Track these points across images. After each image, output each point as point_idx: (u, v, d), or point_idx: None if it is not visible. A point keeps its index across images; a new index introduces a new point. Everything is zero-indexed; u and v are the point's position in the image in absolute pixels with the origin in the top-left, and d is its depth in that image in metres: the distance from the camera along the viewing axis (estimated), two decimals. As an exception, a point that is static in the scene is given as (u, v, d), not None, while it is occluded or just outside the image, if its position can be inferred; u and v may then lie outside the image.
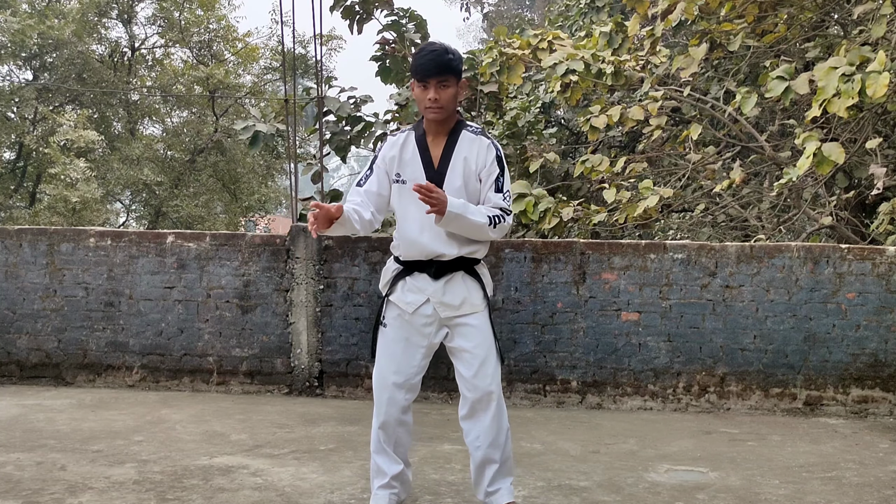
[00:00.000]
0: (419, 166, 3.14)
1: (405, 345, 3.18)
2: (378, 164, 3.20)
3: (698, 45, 7.20)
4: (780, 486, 3.92)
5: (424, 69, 3.06)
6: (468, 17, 44.39)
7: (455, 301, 3.16)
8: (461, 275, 3.18)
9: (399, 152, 3.17)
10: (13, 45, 21.62)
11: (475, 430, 3.19)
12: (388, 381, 3.18)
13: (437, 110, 3.08)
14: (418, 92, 3.11)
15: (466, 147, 3.15)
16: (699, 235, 8.49)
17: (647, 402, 5.77)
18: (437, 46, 3.14)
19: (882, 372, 5.63)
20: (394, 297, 3.19)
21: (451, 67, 3.08)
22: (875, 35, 6.10)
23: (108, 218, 23.91)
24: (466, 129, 3.19)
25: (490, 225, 3.06)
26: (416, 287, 3.15)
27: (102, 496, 3.53)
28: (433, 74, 3.05)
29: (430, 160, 3.14)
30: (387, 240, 6.07)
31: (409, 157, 3.16)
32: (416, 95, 3.13)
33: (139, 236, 6.20)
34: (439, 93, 3.06)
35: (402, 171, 3.16)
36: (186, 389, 6.04)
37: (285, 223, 26.20)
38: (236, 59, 25.98)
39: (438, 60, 3.06)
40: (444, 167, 3.13)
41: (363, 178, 3.22)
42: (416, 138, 3.18)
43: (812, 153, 5.58)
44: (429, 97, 3.06)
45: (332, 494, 3.64)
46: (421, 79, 3.08)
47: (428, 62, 3.06)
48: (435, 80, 3.05)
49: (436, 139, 3.16)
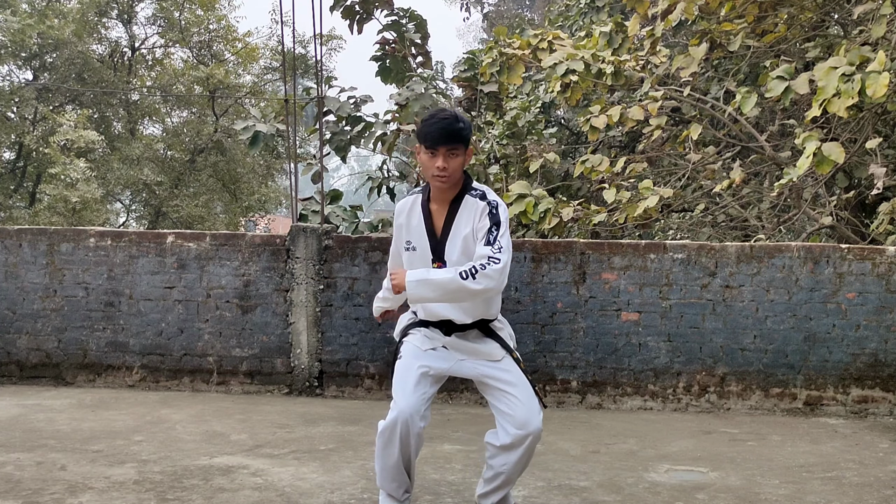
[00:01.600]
0: (423, 234, 3.15)
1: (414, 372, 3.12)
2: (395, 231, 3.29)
3: (698, 45, 7.20)
4: (780, 486, 3.92)
5: (434, 137, 3.02)
6: (468, 17, 44.38)
7: (468, 350, 3.19)
8: (475, 333, 3.19)
9: (406, 220, 3.19)
10: (13, 45, 21.61)
11: (505, 458, 3.14)
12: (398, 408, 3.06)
13: (445, 179, 3.05)
14: (426, 158, 3.05)
15: (466, 217, 3.11)
16: (699, 235, 8.48)
17: (647, 402, 5.77)
18: (448, 114, 3.11)
19: (882, 372, 5.63)
20: (408, 339, 3.24)
21: (461, 136, 3.05)
22: (875, 35, 6.10)
23: (108, 218, 23.91)
24: (470, 195, 3.13)
25: (464, 279, 2.96)
26: (430, 336, 3.20)
27: (102, 496, 3.53)
28: (442, 143, 3.01)
29: (433, 229, 3.14)
30: (386, 240, 6.07)
31: (415, 224, 3.17)
32: (424, 162, 3.07)
33: (139, 236, 6.20)
34: (448, 161, 3.02)
35: (411, 238, 3.18)
36: (186, 389, 6.04)
37: (285, 223, 26.18)
38: (236, 59, 25.96)
39: (449, 129, 3.03)
40: (444, 236, 3.13)
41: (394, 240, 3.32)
42: (422, 204, 3.18)
43: (812, 153, 5.58)
44: (437, 165, 3.02)
45: (332, 494, 3.64)
46: (429, 146, 3.03)
47: (437, 130, 3.02)
48: (444, 148, 3.01)
49: (440, 207, 3.15)
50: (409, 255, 3.19)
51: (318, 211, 7.10)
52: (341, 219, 8.06)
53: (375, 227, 8.50)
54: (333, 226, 6.46)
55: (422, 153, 3.08)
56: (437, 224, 3.14)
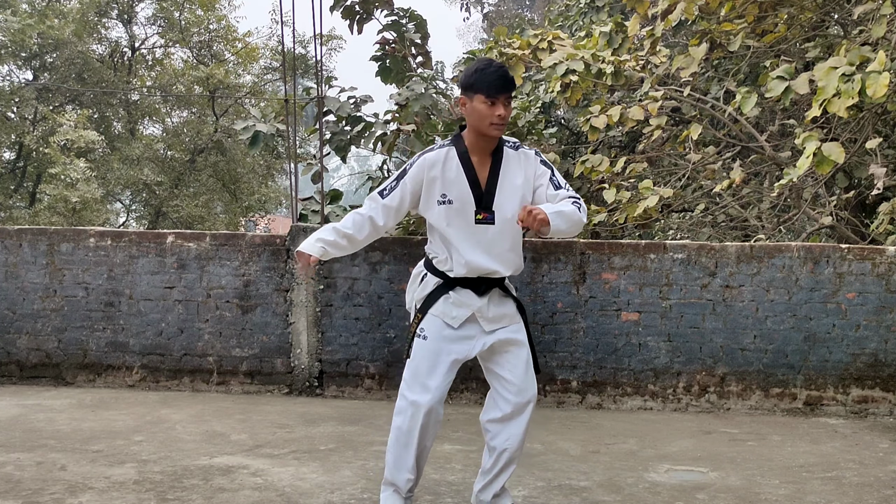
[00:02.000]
0: (465, 186, 3.08)
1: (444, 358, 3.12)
2: (407, 182, 3.12)
3: (698, 45, 7.20)
4: (780, 486, 3.92)
5: (496, 86, 3.01)
6: (468, 17, 44.41)
7: (498, 314, 3.17)
8: (498, 291, 3.18)
9: (441, 172, 3.09)
10: (13, 45, 21.61)
11: (507, 432, 3.16)
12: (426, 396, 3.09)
13: (501, 127, 3.05)
14: (483, 108, 3.02)
15: (514, 167, 3.13)
16: (699, 235, 8.49)
17: (647, 402, 5.77)
18: (500, 63, 3.13)
19: (882, 372, 5.63)
20: (436, 310, 3.13)
21: (514, 84, 3.09)
22: (875, 35, 6.09)
23: (108, 218, 23.91)
24: (506, 146, 3.17)
25: (580, 212, 3.06)
26: (461, 301, 3.12)
27: (102, 496, 3.53)
28: (503, 91, 3.02)
29: (477, 180, 3.09)
30: (386, 240, 6.08)
31: (453, 177, 3.08)
32: (479, 111, 3.03)
33: (139, 236, 6.20)
34: (506, 110, 3.04)
35: (447, 191, 3.08)
36: (186, 389, 6.04)
37: (285, 223, 26.20)
38: (236, 59, 25.97)
39: (507, 77, 3.04)
40: (492, 187, 3.09)
41: (387, 189, 3.14)
42: (459, 155, 3.11)
43: (812, 153, 5.58)
44: (497, 114, 3.01)
45: (332, 494, 3.64)
46: (490, 95, 3.01)
47: (499, 79, 3.02)
48: (503, 96, 3.03)
49: (481, 159, 3.11)
50: (444, 208, 3.08)
51: (318, 211, 7.09)
52: (341, 219, 8.04)
53: (375, 227, 8.48)
54: (333, 226, 6.44)
55: (476, 102, 3.03)
56: (480, 175, 3.10)
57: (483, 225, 3.08)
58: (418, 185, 3.12)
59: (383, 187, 3.17)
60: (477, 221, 3.07)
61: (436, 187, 3.10)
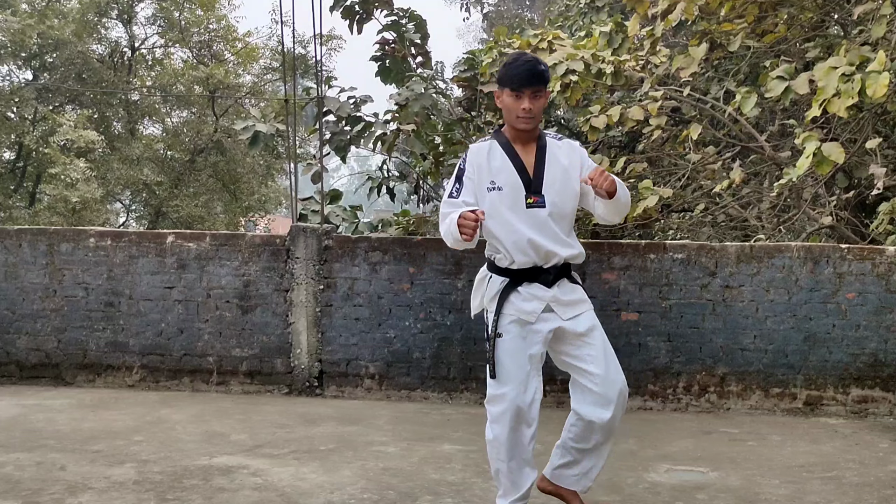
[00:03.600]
0: (513, 172, 3.10)
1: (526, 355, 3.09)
2: (469, 176, 3.13)
3: (698, 45, 7.19)
4: (780, 486, 3.92)
5: (520, 79, 3.05)
6: (468, 17, 44.35)
7: (573, 300, 3.17)
8: (564, 281, 3.19)
9: (487, 160, 3.12)
10: (13, 45, 21.61)
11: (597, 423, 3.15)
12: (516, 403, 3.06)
13: (529, 120, 3.08)
14: (510, 101, 3.08)
15: (559, 155, 3.16)
16: (699, 235, 8.48)
17: (647, 402, 5.77)
18: (531, 57, 3.16)
19: (882, 372, 5.63)
20: (509, 308, 3.10)
21: (544, 78, 3.11)
22: (875, 35, 6.09)
23: (108, 218, 23.91)
24: (548, 137, 3.21)
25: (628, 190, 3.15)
26: (532, 295, 3.11)
27: (102, 496, 3.53)
28: (528, 84, 3.05)
29: (524, 166, 3.12)
30: (385, 240, 6.07)
31: (499, 165, 3.11)
32: (507, 104, 3.10)
33: (139, 236, 6.20)
34: (533, 103, 3.06)
35: (495, 178, 3.10)
36: (186, 389, 6.04)
37: (285, 223, 26.13)
38: (236, 59, 25.96)
39: (534, 71, 3.07)
40: (539, 172, 3.12)
41: (454, 190, 3.14)
42: (502, 145, 3.15)
43: (812, 153, 5.57)
44: (522, 107, 3.05)
45: (332, 494, 3.64)
46: (515, 88, 3.06)
47: (524, 72, 3.06)
48: (529, 90, 3.05)
49: (525, 147, 3.15)
50: (494, 195, 3.09)
51: (318, 211, 7.09)
52: (341, 219, 8.05)
53: (375, 227, 8.50)
54: (333, 226, 6.46)
55: (505, 96, 3.10)
56: (527, 162, 3.13)
57: (535, 209, 3.09)
58: (475, 175, 3.13)
59: (450, 191, 3.17)
60: (528, 206, 3.08)
61: (483, 175, 3.12)
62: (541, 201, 3.09)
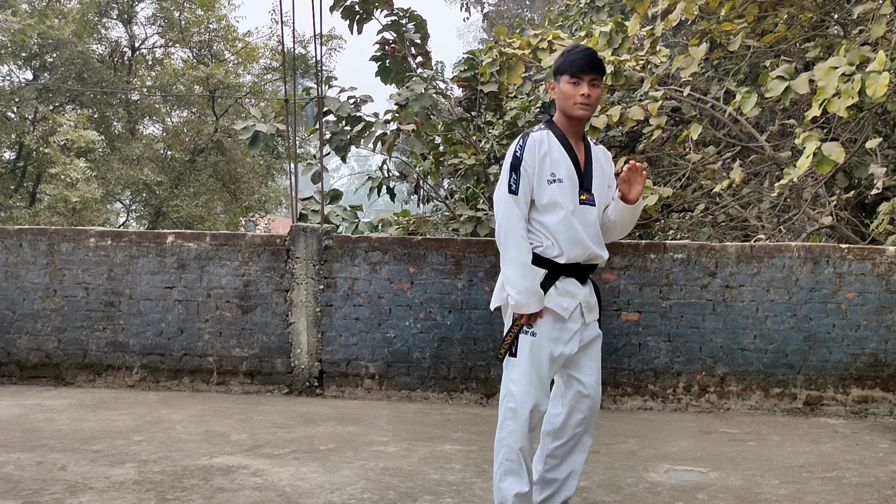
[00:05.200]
0: (570, 166, 3.07)
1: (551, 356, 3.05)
2: (526, 167, 3.03)
3: (698, 45, 7.19)
4: (780, 486, 3.92)
5: (580, 65, 3.05)
6: (468, 17, 44.46)
7: (594, 303, 3.17)
8: (591, 282, 3.19)
9: (549, 150, 3.07)
10: (13, 45, 21.60)
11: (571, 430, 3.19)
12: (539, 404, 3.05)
13: (587, 107, 3.06)
14: (568, 88, 3.06)
15: (600, 158, 3.20)
16: (699, 235, 8.48)
17: (647, 402, 5.77)
18: (585, 46, 3.17)
19: (882, 372, 5.63)
20: (549, 302, 3.02)
21: (602, 67, 3.11)
22: (875, 35, 6.09)
23: (108, 218, 23.89)
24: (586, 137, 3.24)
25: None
26: (568, 291, 3.06)
27: (102, 496, 3.53)
28: (587, 71, 3.05)
29: (578, 161, 3.10)
30: (385, 240, 6.07)
31: (558, 157, 3.07)
32: (565, 91, 3.07)
33: (139, 236, 6.20)
34: (591, 90, 3.06)
35: (556, 170, 3.05)
36: (186, 389, 6.04)
37: (285, 223, 26.18)
38: (236, 59, 25.96)
39: (594, 58, 3.07)
40: (589, 171, 3.12)
41: (512, 182, 3.03)
42: (558, 137, 3.10)
43: (812, 153, 5.57)
44: (581, 93, 3.04)
45: (332, 494, 3.64)
46: (574, 74, 3.04)
47: (584, 58, 3.06)
48: (588, 77, 3.05)
49: (576, 142, 3.14)
50: (555, 187, 3.03)
51: (318, 211, 7.10)
52: (341, 219, 8.06)
53: (375, 227, 8.50)
54: (333, 226, 6.46)
55: (563, 84, 3.08)
56: (579, 157, 3.12)
57: (586, 206, 3.08)
58: (534, 166, 3.05)
59: (509, 184, 3.03)
60: (581, 202, 3.07)
61: (546, 165, 3.05)
62: (591, 199, 3.10)
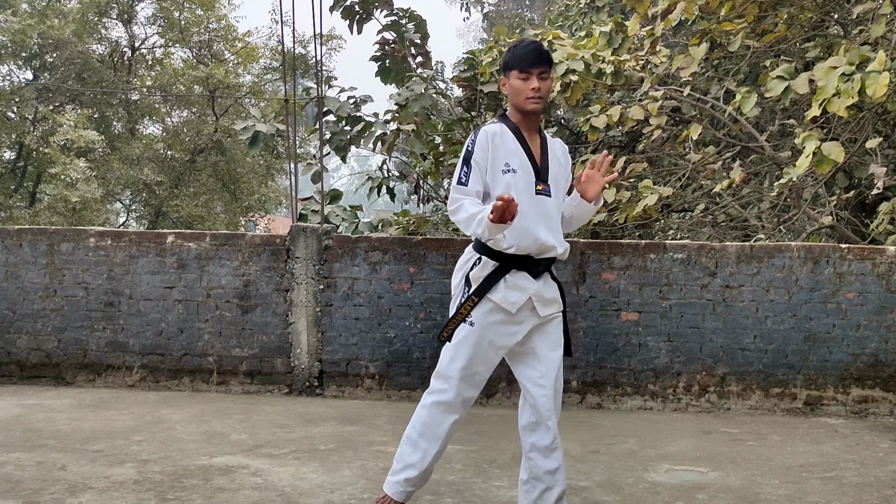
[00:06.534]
0: (525, 158, 3.09)
1: (490, 348, 3.08)
2: (477, 160, 3.05)
3: (698, 45, 7.19)
4: (780, 486, 3.92)
5: (528, 59, 3.06)
6: (468, 17, 44.45)
7: (551, 297, 3.14)
8: (547, 274, 3.17)
9: (502, 142, 3.08)
10: (13, 45, 21.62)
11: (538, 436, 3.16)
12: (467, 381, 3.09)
13: (538, 101, 3.08)
14: (518, 83, 3.08)
15: (556, 152, 3.21)
16: (699, 235, 8.49)
17: (647, 402, 5.77)
18: (532, 40, 3.20)
19: (882, 372, 5.63)
20: (494, 295, 3.05)
21: (550, 59, 3.12)
22: (875, 35, 6.09)
23: (108, 218, 23.91)
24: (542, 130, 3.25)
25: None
26: (517, 285, 3.06)
27: (102, 496, 3.53)
28: (535, 65, 3.06)
29: (532, 154, 3.12)
30: (385, 240, 6.08)
31: (513, 148, 3.09)
32: (515, 87, 3.09)
33: (139, 236, 6.20)
34: (541, 83, 3.07)
35: (510, 160, 3.06)
36: (186, 389, 6.04)
37: (285, 223, 26.18)
38: (236, 59, 25.98)
39: (541, 51, 3.09)
40: (545, 163, 3.14)
41: (462, 175, 3.06)
42: (512, 130, 3.12)
43: (812, 153, 5.57)
44: (531, 87, 3.06)
45: (332, 494, 3.64)
46: (523, 69, 3.06)
47: (531, 52, 3.07)
48: (537, 70, 3.06)
49: (531, 135, 3.16)
50: (509, 177, 3.05)
51: (318, 211, 7.10)
52: (341, 219, 8.06)
53: (375, 227, 8.51)
54: (333, 226, 6.46)
55: (513, 79, 3.10)
56: (533, 149, 3.14)
57: (542, 196, 3.09)
58: (486, 158, 3.06)
59: (459, 176, 3.07)
60: (537, 192, 3.08)
61: (500, 156, 3.07)
62: (547, 190, 3.11)
